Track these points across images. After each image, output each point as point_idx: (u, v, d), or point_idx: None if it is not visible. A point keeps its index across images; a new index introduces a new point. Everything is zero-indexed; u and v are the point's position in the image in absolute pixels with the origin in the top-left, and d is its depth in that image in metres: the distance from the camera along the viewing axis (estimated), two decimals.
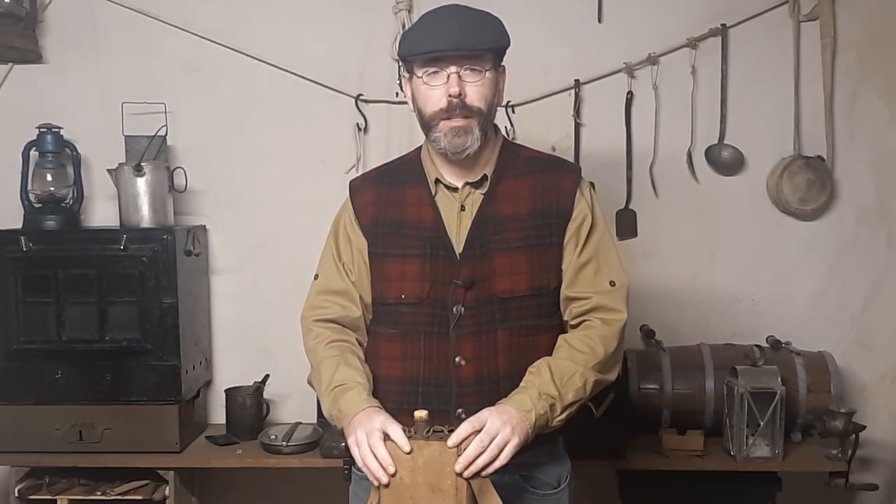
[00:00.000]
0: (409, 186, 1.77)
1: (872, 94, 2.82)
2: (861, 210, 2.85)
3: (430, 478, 1.46)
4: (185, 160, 2.80)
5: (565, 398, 1.59)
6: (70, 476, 2.63)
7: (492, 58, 1.66)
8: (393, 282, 1.72)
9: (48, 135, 2.68)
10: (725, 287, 2.87)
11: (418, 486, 1.46)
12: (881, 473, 2.89)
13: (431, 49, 1.62)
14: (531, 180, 1.73)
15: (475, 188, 1.73)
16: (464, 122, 1.64)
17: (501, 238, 1.69)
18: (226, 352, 2.93)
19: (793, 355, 2.68)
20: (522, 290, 1.69)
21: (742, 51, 2.80)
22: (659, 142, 2.84)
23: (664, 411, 2.66)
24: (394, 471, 1.46)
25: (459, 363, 1.68)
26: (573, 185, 1.74)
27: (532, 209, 1.71)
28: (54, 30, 2.83)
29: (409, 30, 1.69)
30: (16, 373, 2.58)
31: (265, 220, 2.87)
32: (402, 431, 1.48)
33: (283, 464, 2.62)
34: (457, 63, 1.62)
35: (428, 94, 1.65)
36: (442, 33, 1.61)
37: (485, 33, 1.64)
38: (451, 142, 1.65)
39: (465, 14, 1.66)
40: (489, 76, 1.65)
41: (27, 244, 2.55)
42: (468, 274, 1.67)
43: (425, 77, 1.65)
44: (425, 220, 1.72)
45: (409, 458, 1.46)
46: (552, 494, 1.78)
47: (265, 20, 2.82)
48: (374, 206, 1.78)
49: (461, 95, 1.62)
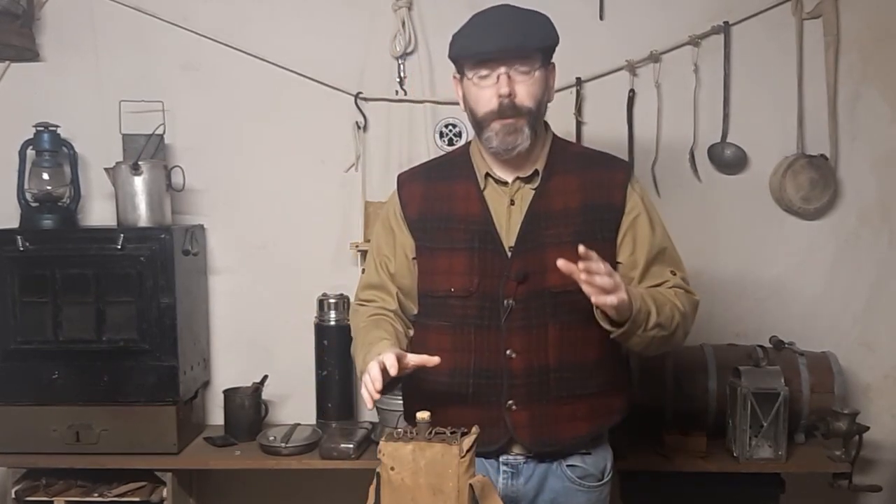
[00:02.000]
0: (458, 181, 1.79)
1: (875, 92, 2.81)
2: (864, 209, 2.84)
3: (432, 479, 1.45)
4: (183, 159, 2.78)
5: (660, 316, 1.65)
6: (67, 477, 2.61)
7: (541, 56, 1.69)
8: (441, 275, 1.76)
9: (45, 133, 2.67)
10: (728, 286, 2.86)
11: (420, 488, 1.45)
12: (885, 474, 2.88)
13: (480, 51, 1.65)
14: (581, 176, 1.77)
15: (525, 183, 1.76)
16: (514, 121, 1.68)
17: (553, 233, 1.72)
18: (224, 352, 2.92)
19: (796, 355, 2.67)
20: (574, 284, 1.67)
21: (744, 49, 2.79)
22: (661, 140, 2.83)
23: (666, 412, 2.65)
24: (377, 397, 1.53)
25: (510, 356, 1.72)
26: (624, 180, 1.78)
27: (582, 204, 1.74)
28: (52, 27, 2.82)
29: (458, 31, 1.72)
30: (13, 373, 2.56)
31: (264, 220, 2.86)
32: (393, 356, 1.53)
33: (281, 465, 2.61)
34: (506, 63, 1.65)
35: (479, 95, 1.69)
36: (491, 34, 1.65)
37: (533, 32, 1.66)
38: (503, 140, 1.69)
39: (513, 14, 1.70)
40: (538, 75, 1.68)
41: (24, 244, 2.54)
42: (520, 268, 1.71)
43: (476, 78, 1.68)
44: (473, 214, 1.76)
45: (412, 460, 1.46)
46: (596, 487, 1.81)
47: (264, 18, 2.81)
48: (422, 200, 1.81)
49: (511, 95, 1.66)
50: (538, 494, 1.78)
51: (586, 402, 1.75)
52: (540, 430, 1.73)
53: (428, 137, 2.81)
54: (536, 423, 1.73)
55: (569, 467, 1.78)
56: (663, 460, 2.54)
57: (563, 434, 1.74)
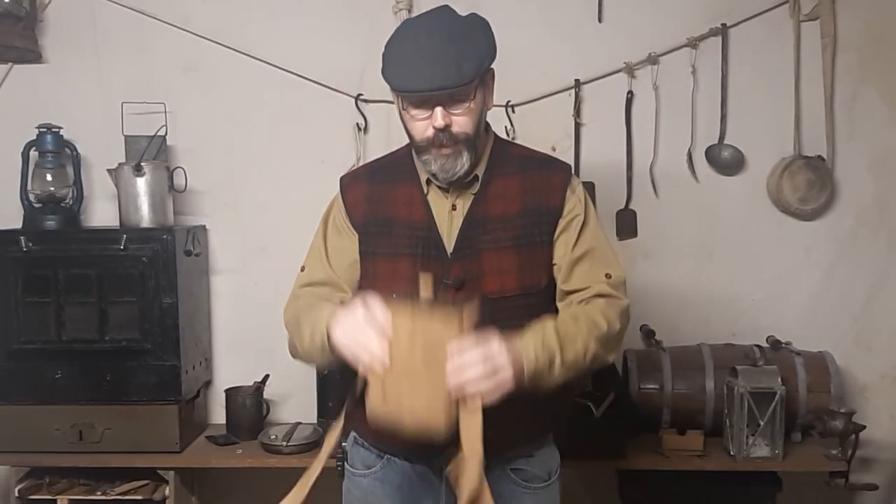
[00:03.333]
0: (401, 185, 1.75)
1: (872, 93, 2.82)
2: (861, 210, 2.85)
3: (429, 355, 1.45)
4: (185, 160, 2.80)
5: (566, 357, 1.54)
6: (70, 476, 2.63)
7: (477, 81, 1.60)
8: (384, 280, 1.71)
9: (48, 135, 2.68)
10: (725, 287, 2.87)
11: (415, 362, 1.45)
12: (881, 473, 2.89)
13: (413, 89, 1.58)
14: (521, 179, 1.72)
15: (466, 188, 1.72)
16: (452, 150, 1.62)
17: (491, 238, 1.68)
18: (226, 352, 2.93)
19: (793, 355, 2.68)
20: (511, 289, 1.67)
21: (742, 50, 2.80)
22: (659, 142, 2.84)
23: (664, 411, 2.66)
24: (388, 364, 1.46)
25: None
26: (563, 182, 1.72)
27: (522, 208, 1.70)
28: (54, 29, 2.83)
29: (388, 54, 1.63)
30: (16, 373, 2.58)
31: (265, 220, 2.87)
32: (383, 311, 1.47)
33: (283, 464, 2.62)
34: (439, 99, 1.58)
35: (413, 125, 1.63)
36: (423, 69, 1.55)
37: (467, 62, 1.56)
38: (442, 167, 1.64)
39: (446, 40, 1.57)
40: (475, 102, 1.62)
41: (27, 244, 2.55)
42: (458, 274, 1.66)
43: (410, 109, 1.62)
44: (417, 220, 1.71)
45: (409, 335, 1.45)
46: (543, 487, 1.77)
47: (265, 20, 2.82)
48: (366, 203, 1.76)
49: (447, 127, 1.60)
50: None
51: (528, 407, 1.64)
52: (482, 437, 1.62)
53: None
54: None
55: (513, 471, 1.73)
56: (661, 459, 2.55)
57: (504, 440, 1.65)
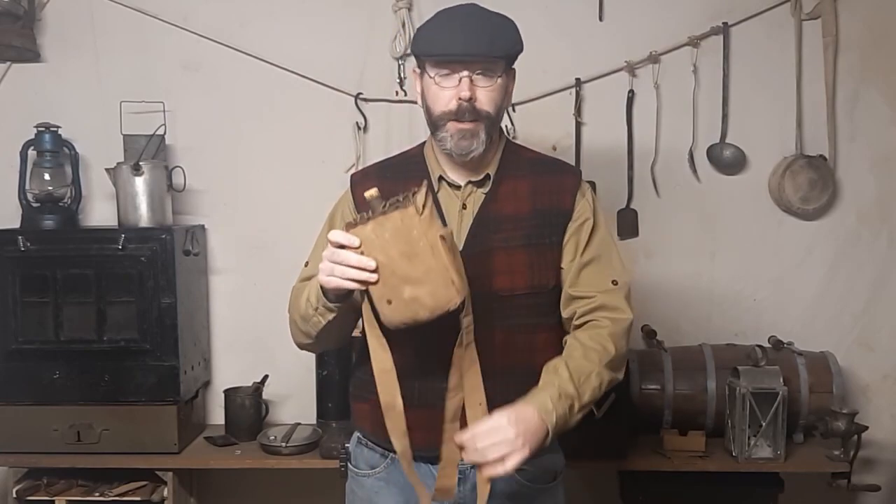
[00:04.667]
0: (411, 182, 1.74)
1: (874, 93, 2.81)
2: (863, 209, 2.84)
3: (402, 247, 1.43)
4: (184, 159, 2.79)
5: (583, 397, 1.58)
6: (68, 477, 2.62)
7: (504, 63, 1.67)
8: None
9: (46, 134, 2.67)
10: (727, 287, 2.87)
11: (395, 261, 1.44)
12: (883, 474, 2.88)
13: (445, 52, 1.62)
14: (532, 181, 1.74)
15: (478, 187, 1.73)
16: (472, 126, 1.65)
17: (501, 237, 1.70)
18: (225, 352, 2.92)
19: (795, 355, 2.68)
20: (521, 288, 1.69)
21: (743, 49, 2.79)
22: (660, 141, 2.83)
23: (665, 412, 2.65)
24: (373, 265, 1.45)
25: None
26: (574, 186, 1.75)
27: (532, 209, 1.72)
28: (52, 28, 2.83)
29: (423, 27, 1.69)
30: (14, 373, 2.57)
31: (264, 220, 2.86)
32: (341, 232, 1.47)
33: (282, 465, 2.61)
34: (469, 67, 1.62)
35: (438, 95, 1.65)
36: (457, 36, 1.61)
37: (500, 39, 1.63)
38: (458, 144, 1.66)
39: (481, 17, 1.65)
40: (500, 82, 1.66)
41: (25, 244, 2.54)
42: (467, 272, 1.66)
43: (437, 77, 1.65)
44: None
45: (376, 237, 1.44)
46: (547, 488, 1.77)
47: (264, 19, 2.82)
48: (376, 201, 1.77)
49: (472, 100, 1.63)
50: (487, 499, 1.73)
51: None
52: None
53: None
54: None
55: (517, 470, 1.67)
56: (662, 460, 2.55)
57: None
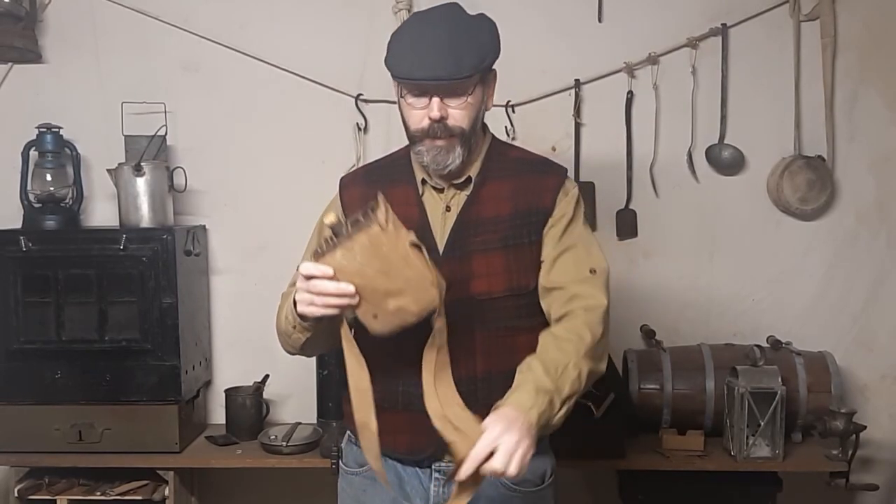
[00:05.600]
0: (397, 185, 1.76)
1: (873, 93, 2.82)
2: (861, 210, 2.85)
3: (376, 264, 1.42)
4: (185, 160, 2.80)
5: (562, 391, 1.54)
6: (70, 476, 2.63)
7: (477, 76, 1.62)
8: None
9: (48, 135, 2.68)
10: (726, 287, 2.87)
11: (372, 279, 1.43)
12: (881, 474, 2.89)
13: (411, 76, 1.59)
14: (515, 182, 1.73)
15: (460, 189, 1.73)
16: (445, 143, 1.63)
17: (480, 240, 1.69)
18: (226, 352, 2.93)
19: (793, 355, 2.68)
20: (499, 291, 1.68)
21: (742, 50, 2.80)
22: (659, 142, 2.84)
23: (664, 411, 2.66)
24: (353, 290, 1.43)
25: None
26: (556, 185, 1.73)
27: (513, 210, 1.70)
28: (54, 29, 2.83)
29: (392, 43, 1.65)
30: (15, 373, 2.58)
31: (265, 220, 2.87)
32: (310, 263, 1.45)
33: (282, 464, 2.62)
34: (437, 89, 1.59)
35: (410, 113, 1.64)
36: (424, 58, 1.57)
37: (468, 56, 1.58)
38: (434, 158, 1.64)
39: (451, 31, 1.60)
40: (472, 97, 1.63)
41: (27, 244, 2.55)
42: (446, 275, 1.63)
43: (408, 97, 1.63)
44: (411, 220, 1.69)
45: (346, 262, 1.42)
46: (535, 491, 1.75)
47: (265, 20, 2.82)
48: (362, 203, 1.72)
49: (443, 119, 1.61)
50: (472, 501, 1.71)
51: None
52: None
53: None
54: None
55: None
56: (661, 459, 2.55)
57: None
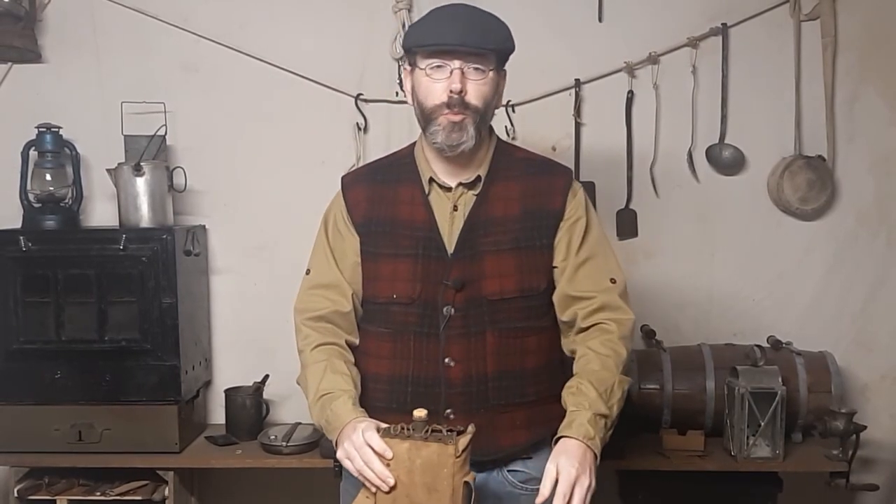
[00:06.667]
0: (403, 185, 1.76)
1: (873, 93, 2.82)
2: (861, 210, 2.85)
3: (427, 478, 1.46)
4: (185, 160, 2.79)
5: (613, 412, 1.60)
6: (69, 476, 2.62)
7: (495, 59, 1.67)
8: (384, 281, 1.72)
9: (47, 134, 2.68)
10: (726, 287, 2.87)
11: (415, 486, 1.47)
12: (882, 474, 2.89)
13: (438, 42, 1.63)
14: (523, 182, 1.74)
15: (468, 189, 1.73)
16: (459, 118, 1.64)
17: (491, 240, 1.70)
18: (225, 352, 2.93)
19: (793, 355, 2.68)
20: (511, 291, 1.69)
21: (743, 50, 2.80)
22: (659, 141, 2.84)
23: (665, 411, 2.66)
24: (393, 482, 1.47)
25: (448, 364, 1.69)
26: (564, 186, 1.75)
27: (522, 211, 1.72)
28: (53, 29, 2.83)
29: (416, 22, 1.71)
30: (15, 373, 2.58)
31: (265, 220, 2.87)
32: (381, 442, 1.48)
33: (282, 464, 2.62)
34: (461, 59, 1.62)
35: (430, 87, 1.66)
36: (450, 28, 1.63)
37: (492, 34, 1.65)
38: (448, 136, 1.65)
39: (474, 13, 1.68)
40: (491, 76, 1.66)
41: (26, 244, 2.55)
42: (458, 275, 1.68)
43: (428, 69, 1.65)
44: (418, 220, 1.72)
45: (407, 458, 1.47)
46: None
47: (265, 20, 2.82)
48: (367, 203, 1.77)
49: (462, 92, 1.63)
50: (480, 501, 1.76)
51: (525, 411, 1.72)
52: (478, 439, 1.66)
53: None
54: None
55: (510, 472, 1.75)
56: (661, 459, 2.55)
57: (501, 442, 1.71)
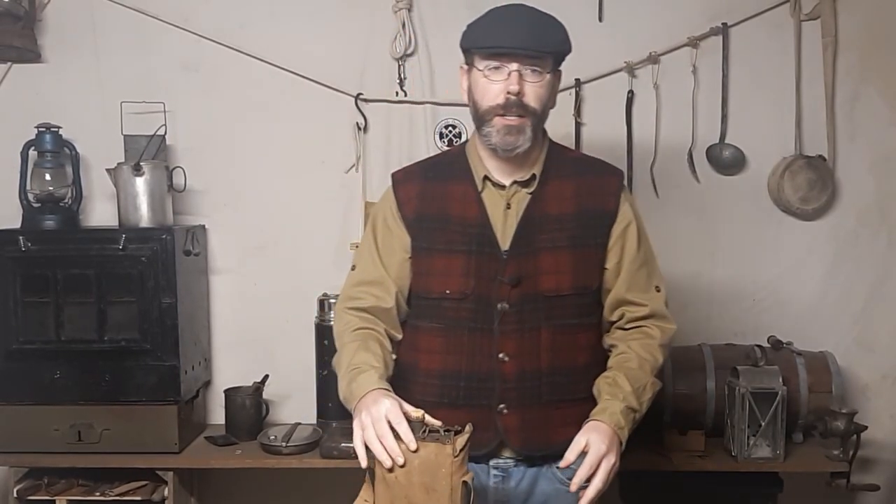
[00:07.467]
0: (454, 182, 1.78)
1: (873, 93, 2.82)
2: (862, 210, 2.85)
3: (426, 478, 1.46)
4: (185, 160, 2.79)
5: (642, 410, 1.69)
6: (69, 476, 2.62)
7: (552, 61, 1.69)
8: (438, 276, 1.74)
9: (47, 134, 2.68)
10: (726, 287, 2.87)
11: (413, 486, 1.46)
12: (882, 474, 2.89)
13: (497, 44, 1.64)
14: (576, 182, 1.77)
15: (522, 187, 1.75)
16: (518, 121, 1.66)
17: (548, 237, 1.72)
18: (225, 352, 2.93)
19: (794, 355, 2.68)
20: (567, 288, 1.72)
21: (743, 50, 2.80)
22: (660, 141, 2.84)
23: (665, 411, 2.65)
24: (402, 461, 1.45)
25: (503, 360, 1.71)
26: (618, 187, 1.79)
27: (577, 210, 1.74)
28: (53, 29, 2.83)
29: (475, 22, 1.71)
30: (14, 373, 2.57)
31: (264, 220, 2.87)
32: (410, 432, 1.46)
33: (282, 464, 2.61)
34: (520, 61, 1.64)
35: (487, 88, 1.67)
36: (509, 30, 1.64)
37: (550, 36, 1.66)
38: (504, 139, 1.67)
39: (532, 14, 1.69)
40: (549, 78, 1.68)
41: (26, 244, 2.54)
42: (514, 272, 1.71)
43: (486, 70, 1.66)
44: (470, 217, 1.74)
45: (405, 459, 1.46)
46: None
47: (265, 19, 2.82)
48: (419, 200, 1.79)
49: (520, 94, 1.64)
50: (528, 497, 1.78)
51: (576, 407, 1.73)
52: (531, 434, 1.73)
53: (428, 138, 2.82)
54: (527, 427, 1.73)
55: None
56: (662, 459, 2.55)
57: (553, 438, 1.73)
